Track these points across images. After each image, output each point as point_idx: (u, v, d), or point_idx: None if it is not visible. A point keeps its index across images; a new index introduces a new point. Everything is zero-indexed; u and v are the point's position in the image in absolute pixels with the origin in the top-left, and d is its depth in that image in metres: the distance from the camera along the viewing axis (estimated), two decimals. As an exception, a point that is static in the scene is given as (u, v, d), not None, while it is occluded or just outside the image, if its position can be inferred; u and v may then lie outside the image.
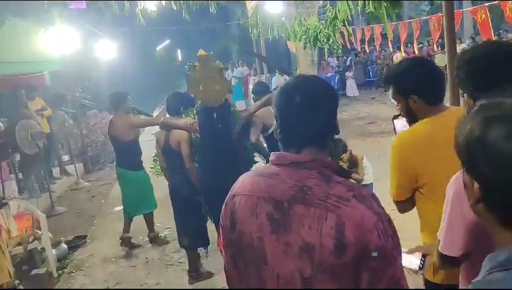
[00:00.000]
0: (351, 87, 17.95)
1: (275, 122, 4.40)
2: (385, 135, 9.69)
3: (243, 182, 1.51)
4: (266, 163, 4.39)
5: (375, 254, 1.18)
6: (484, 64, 1.54)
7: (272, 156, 1.46)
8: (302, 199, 1.27)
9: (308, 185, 1.29)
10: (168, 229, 6.03)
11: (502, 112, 0.82)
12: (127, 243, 5.74)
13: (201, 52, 4.02)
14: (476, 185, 0.84)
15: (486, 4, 5.17)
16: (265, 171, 1.43)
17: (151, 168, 5.07)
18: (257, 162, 4.69)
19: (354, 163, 4.80)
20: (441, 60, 17.30)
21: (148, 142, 7.18)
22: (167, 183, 4.80)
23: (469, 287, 0.83)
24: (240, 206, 1.43)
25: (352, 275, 1.20)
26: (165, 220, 6.03)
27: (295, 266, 1.25)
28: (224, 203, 1.57)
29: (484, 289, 0.81)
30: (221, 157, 4.08)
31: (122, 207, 7.24)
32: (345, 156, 4.73)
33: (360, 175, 4.82)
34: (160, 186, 5.43)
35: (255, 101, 4.73)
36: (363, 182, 4.89)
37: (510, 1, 4.68)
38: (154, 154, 5.00)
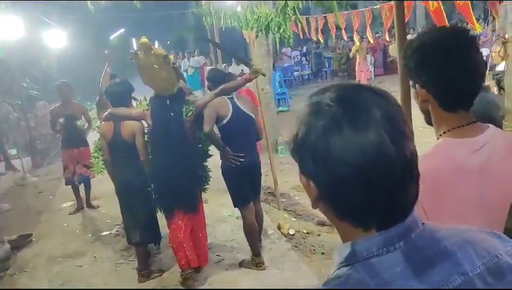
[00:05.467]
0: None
1: (230, 112, 4.29)
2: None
3: None
4: (221, 154, 4.32)
5: None
6: (436, 50, 1.43)
7: None
8: None
9: None
10: (117, 226, 5.79)
11: (319, 108, 0.82)
12: None
13: (143, 39, 3.90)
14: (312, 183, 0.84)
15: (438, -5, 5.16)
16: None
17: (95, 165, 4.82)
18: (212, 155, 4.56)
19: None
20: (395, 49, 17.67)
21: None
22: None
23: (322, 287, 0.84)
24: None
25: None
26: (114, 217, 5.80)
27: None
28: None
29: (333, 289, 0.82)
30: (173, 147, 4.02)
31: (70, 203, 6.95)
32: None
33: None
34: (107, 181, 5.17)
35: (209, 89, 4.59)
36: None
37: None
38: (93, 150, 4.76)
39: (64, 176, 6.68)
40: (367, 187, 0.78)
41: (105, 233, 5.80)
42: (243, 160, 4.24)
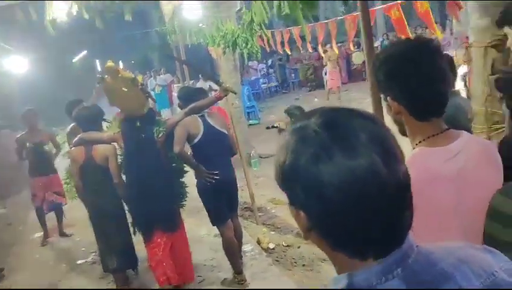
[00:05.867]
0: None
1: (202, 130, 4.32)
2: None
3: None
4: (195, 173, 4.30)
5: None
6: (403, 62, 1.45)
7: None
8: None
9: None
10: (93, 254, 5.63)
11: (306, 135, 0.79)
12: None
13: (108, 63, 3.89)
14: (302, 213, 0.80)
15: (399, 1, 5.29)
16: None
17: (67, 191, 4.71)
18: (187, 171, 4.53)
19: None
20: (359, 57, 18.02)
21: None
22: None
23: None
24: None
25: None
26: (89, 245, 5.64)
27: None
28: None
29: None
30: (147, 167, 4.02)
31: (42, 233, 6.73)
32: None
33: None
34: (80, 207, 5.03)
35: (180, 107, 4.57)
36: None
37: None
38: (65, 177, 4.67)
39: (33, 205, 6.46)
40: (362, 214, 0.75)
41: (80, 262, 5.63)
42: (217, 177, 4.20)
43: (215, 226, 4.45)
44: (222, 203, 4.34)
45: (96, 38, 18.53)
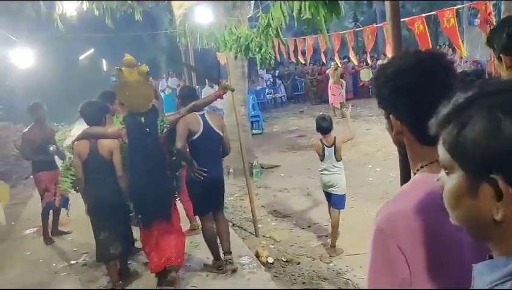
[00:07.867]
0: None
1: (201, 128, 4.52)
2: (316, 148, 9.64)
3: None
4: (188, 168, 4.47)
5: None
6: (414, 76, 1.25)
7: None
8: None
9: None
10: (84, 255, 5.44)
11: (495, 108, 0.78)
12: None
13: (127, 56, 4.14)
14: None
15: (424, 15, 5.14)
16: None
17: (63, 183, 4.62)
18: (183, 166, 4.69)
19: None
20: (367, 74, 17.91)
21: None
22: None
23: None
24: None
25: None
26: (81, 245, 5.45)
27: None
28: None
29: None
30: (149, 161, 4.21)
31: (34, 229, 6.54)
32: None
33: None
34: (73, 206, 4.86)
35: (180, 105, 4.75)
36: (339, 193, 5.09)
37: (448, 10, 4.63)
38: (62, 169, 4.62)
39: (45, 201, 5.96)
40: None
41: (72, 262, 5.42)
42: (206, 175, 4.39)
43: (197, 216, 4.80)
44: (206, 198, 4.55)
45: (104, 38, 18.45)
